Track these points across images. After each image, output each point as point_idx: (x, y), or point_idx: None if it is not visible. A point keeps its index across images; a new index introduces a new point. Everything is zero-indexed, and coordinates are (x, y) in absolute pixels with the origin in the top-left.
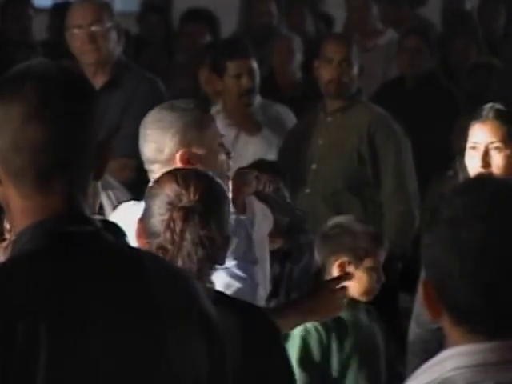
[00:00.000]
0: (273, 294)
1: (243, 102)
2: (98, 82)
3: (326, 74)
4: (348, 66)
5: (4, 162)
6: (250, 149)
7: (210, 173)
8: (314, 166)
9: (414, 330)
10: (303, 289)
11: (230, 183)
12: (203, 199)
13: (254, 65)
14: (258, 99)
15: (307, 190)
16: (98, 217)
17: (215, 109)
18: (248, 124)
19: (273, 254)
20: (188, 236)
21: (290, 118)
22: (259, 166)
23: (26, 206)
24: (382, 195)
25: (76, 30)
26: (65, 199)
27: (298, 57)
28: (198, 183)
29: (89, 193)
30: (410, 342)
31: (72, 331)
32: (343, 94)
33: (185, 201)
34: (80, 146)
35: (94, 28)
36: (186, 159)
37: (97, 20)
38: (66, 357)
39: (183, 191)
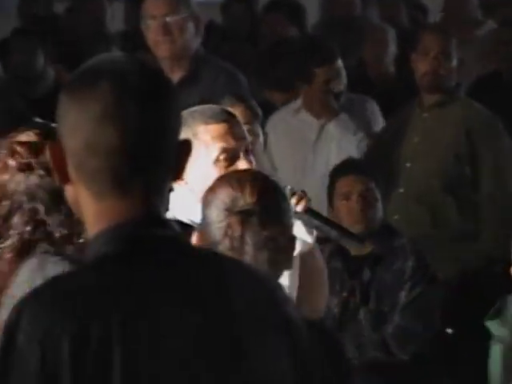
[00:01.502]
0: (362, 301)
1: (332, 103)
2: (176, 76)
3: (422, 66)
4: (446, 58)
5: (77, 163)
6: (333, 142)
7: (266, 172)
8: (408, 165)
9: None
10: (396, 295)
11: None
12: (261, 200)
13: (341, 65)
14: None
15: (400, 190)
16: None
17: (294, 106)
18: (327, 111)
19: (363, 259)
20: (248, 240)
21: (372, 110)
22: (347, 165)
23: (100, 209)
24: (479, 195)
25: (150, 21)
26: (142, 202)
27: (392, 49)
28: (254, 184)
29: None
30: None
31: (145, 335)
32: (440, 88)
33: (241, 204)
34: (158, 146)
35: (168, 19)
36: None
37: (172, 10)
38: (140, 361)
39: (239, 194)
